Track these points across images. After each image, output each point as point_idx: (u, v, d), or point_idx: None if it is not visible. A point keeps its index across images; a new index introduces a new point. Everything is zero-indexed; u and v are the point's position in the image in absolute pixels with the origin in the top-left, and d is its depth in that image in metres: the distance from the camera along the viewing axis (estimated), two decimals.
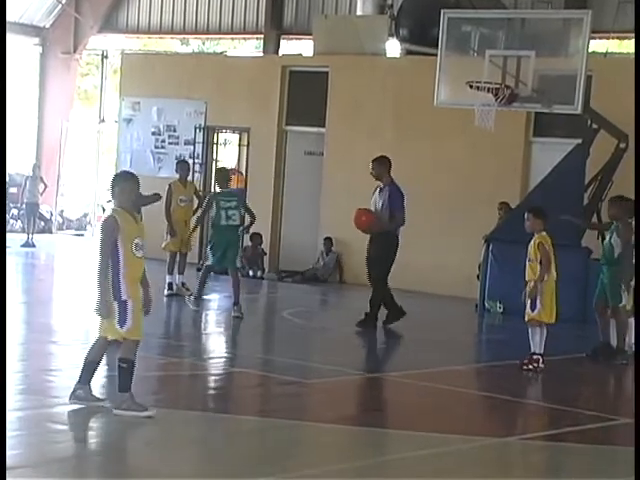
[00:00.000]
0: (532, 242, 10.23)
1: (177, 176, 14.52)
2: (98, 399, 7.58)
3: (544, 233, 10.24)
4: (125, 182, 7.46)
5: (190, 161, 18.01)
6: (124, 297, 7.33)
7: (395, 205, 12.00)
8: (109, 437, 7.19)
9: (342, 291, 16.38)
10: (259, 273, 17.18)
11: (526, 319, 10.22)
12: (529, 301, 10.17)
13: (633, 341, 11.28)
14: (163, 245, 14.05)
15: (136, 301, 7.39)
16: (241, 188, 10.70)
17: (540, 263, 10.11)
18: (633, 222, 10.87)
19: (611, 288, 10.88)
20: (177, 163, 15.01)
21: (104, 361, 7.73)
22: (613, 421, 8.41)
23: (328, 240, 16.96)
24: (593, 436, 7.91)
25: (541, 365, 10.10)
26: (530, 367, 10.09)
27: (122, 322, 7.34)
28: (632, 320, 11.35)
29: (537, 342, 10.17)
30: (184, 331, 12.41)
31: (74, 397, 7.54)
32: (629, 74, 14.65)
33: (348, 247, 16.81)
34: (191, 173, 15.11)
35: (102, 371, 8.23)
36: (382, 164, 12.24)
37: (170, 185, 14.27)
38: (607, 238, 11.17)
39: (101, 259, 7.36)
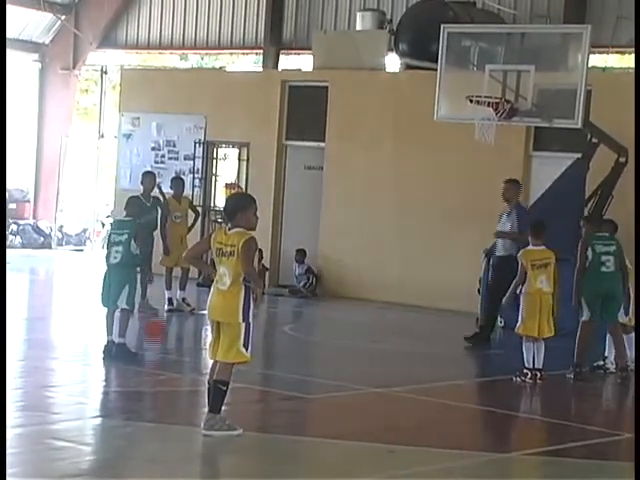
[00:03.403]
0: None
1: (172, 192, 14.54)
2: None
3: (529, 247, 10.30)
4: (254, 203, 7.31)
5: (190, 176, 18.05)
6: (251, 320, 7.32)
7: (524, 228, 12.15)
8: (110, 454, 7.14)
9: (344, 305, 16.31)
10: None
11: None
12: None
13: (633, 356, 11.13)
14: (159, 260, 14.03)
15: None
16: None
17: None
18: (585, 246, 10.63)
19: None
20: (172, 180, 14.97)
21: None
22: (617, 436, 8.37)
23: (301, 252, 16.87)
24: (597, 451, 7.86)
25: (528, 380, 10.02)
26: (517, 379, 10.05)
27: (247, 345, 7.32)
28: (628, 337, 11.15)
29: (526, 356, 10.13)
30: (185, 346, 12.36)
31: (228, 427, 7.35)
32: (628, 88, 14.64)
33: (347, 261, 16.78)
34: (191, 188, 14.98)
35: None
36: (516, 187, 12.81)
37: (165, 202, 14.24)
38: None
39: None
